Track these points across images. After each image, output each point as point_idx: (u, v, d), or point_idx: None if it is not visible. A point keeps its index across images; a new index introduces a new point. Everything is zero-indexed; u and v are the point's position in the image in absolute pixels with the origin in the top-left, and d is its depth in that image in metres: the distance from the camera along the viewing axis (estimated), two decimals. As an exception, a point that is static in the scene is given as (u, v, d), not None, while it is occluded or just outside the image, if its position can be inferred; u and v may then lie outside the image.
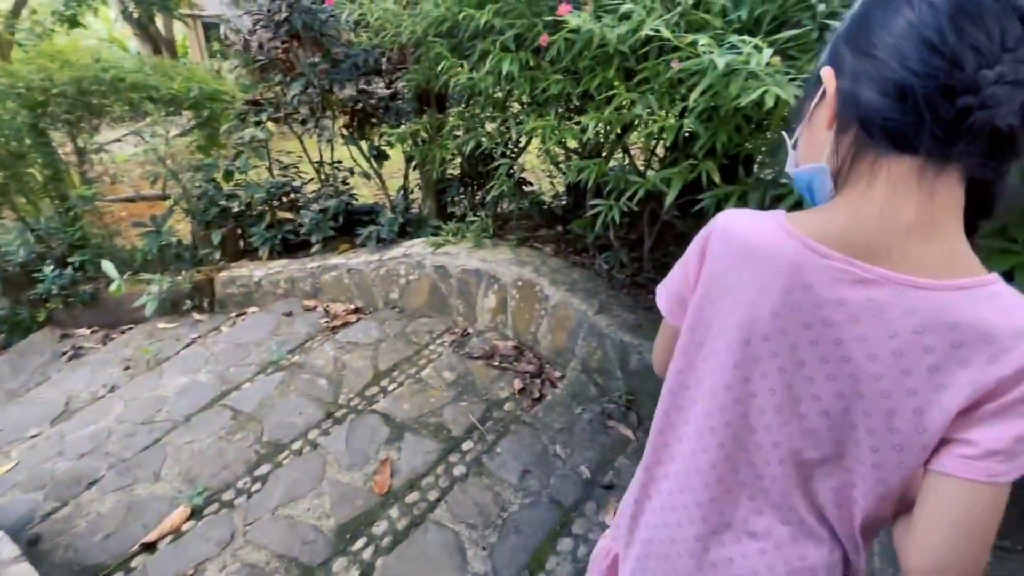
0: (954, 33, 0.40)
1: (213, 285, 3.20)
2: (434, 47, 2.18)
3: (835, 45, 0.50)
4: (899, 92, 0.43)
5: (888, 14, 0.44)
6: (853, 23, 0.48)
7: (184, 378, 2.45)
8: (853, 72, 0.46)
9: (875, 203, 0.47)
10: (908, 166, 0.45)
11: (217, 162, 3.40)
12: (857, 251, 0.47)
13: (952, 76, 0.41)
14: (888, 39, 0.44)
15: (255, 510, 1.70)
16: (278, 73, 3.03)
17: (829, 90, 0.49)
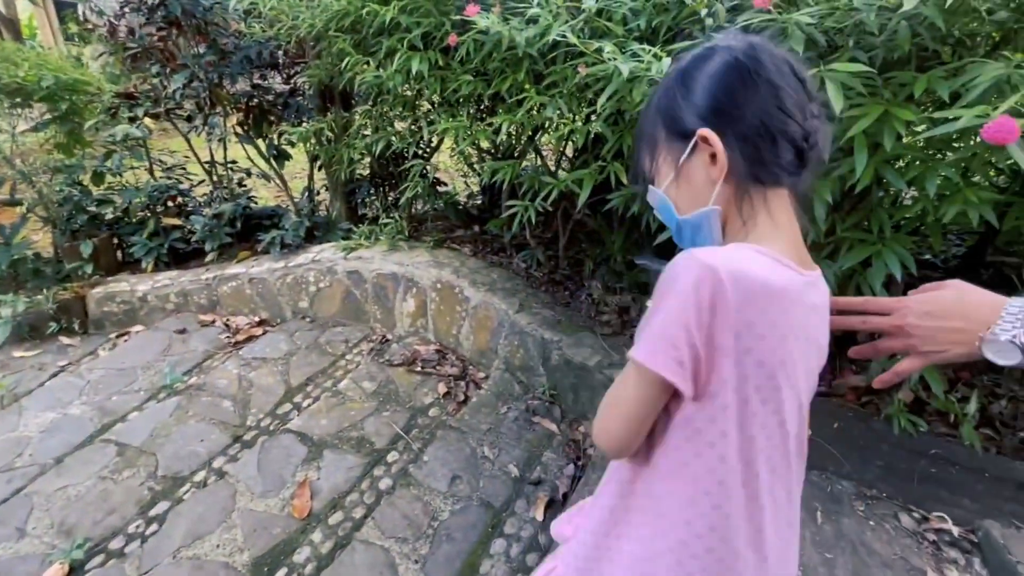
0: (799, 97, 0.58)
1: (85, 303, 2.80)
2: (337, 42, 2.08)
3: (698, 117, 0.60)
4: (785, 143, 0.58)
5: (747, 92, 0.58)
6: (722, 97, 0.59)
7: (52, 413, 2.12)
8: (740, 135, 0.58)
9: (785, 227, 0.61)
10: (784, 195, 0.61)
11: (83, 162, 2.97)
12: (800, 264, 0.60)
13: (805, 128, 0.58)
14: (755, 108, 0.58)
15: (152, 556, 1.52)
16: (155, 63, 2.72)
17: (717, 146, 0.58)
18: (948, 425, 1.56)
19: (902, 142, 1.14)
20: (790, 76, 0.58)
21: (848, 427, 1.62)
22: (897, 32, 1.04)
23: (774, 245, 0.58)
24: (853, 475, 1.51)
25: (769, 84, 0.57)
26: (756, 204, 0.59)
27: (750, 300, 0.52)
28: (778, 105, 0.57)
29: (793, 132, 0.57)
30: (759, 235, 0.60)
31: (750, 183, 0.59)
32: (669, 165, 0.64)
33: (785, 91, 0.57)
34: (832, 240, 1.29)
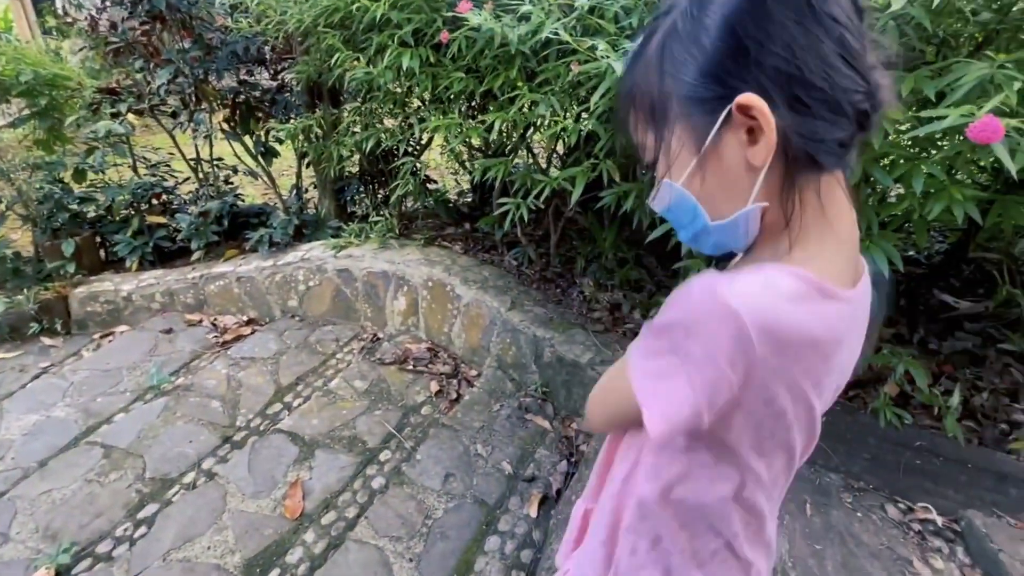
0: (858, 44, 0.42)
1: (68, 303, 2.74)
2: (326, 38, 2.05)
3: (719, 75, 0.43)
4: (849, 108, 0.42)
5: (808, 36, 0.40)
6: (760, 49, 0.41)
7: (34, 416, 2.07)
8: (799, 101, 0.41)
9: (839, 223, 0.47)
10: (840, 178, 0.46)
11: (63, 159, 2.91)
12: (855, 271, 0.50)
13: (868, 87, 0.42)
14: (818, 62, 0.40)
15: (141, 559, 1.49)
16: (138, 59, 2.66)
17: (765, 119, 0.41)
18: (932, 418, 1.59)
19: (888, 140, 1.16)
20: (850, 6, 0.41)
21: (836, 421, 1.65)
22: (885, 32, 1.05)
23: (824, 258, 0.45)
24: (841, 468, 1.54)
25: (831, 19, 0.40)
26: (807, 196, 0.45)
27: (781, 353, 0.41)
28: (842, 52, 0.40)
29: (859, 91, 0.41)
30: (806, 243, 0.46)
31: (802, 167, 0.44)
32: (688, 148, 0.46)
33: (848, 27, 0.40)
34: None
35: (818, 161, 0.43)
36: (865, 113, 0.43)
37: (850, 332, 0.48)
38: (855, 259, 0.50)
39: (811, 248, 0.46)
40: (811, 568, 1.28)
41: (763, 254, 0.49)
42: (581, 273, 2.35)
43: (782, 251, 0.47)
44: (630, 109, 0.50)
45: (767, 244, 0.49)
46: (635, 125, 0.51)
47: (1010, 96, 0.87)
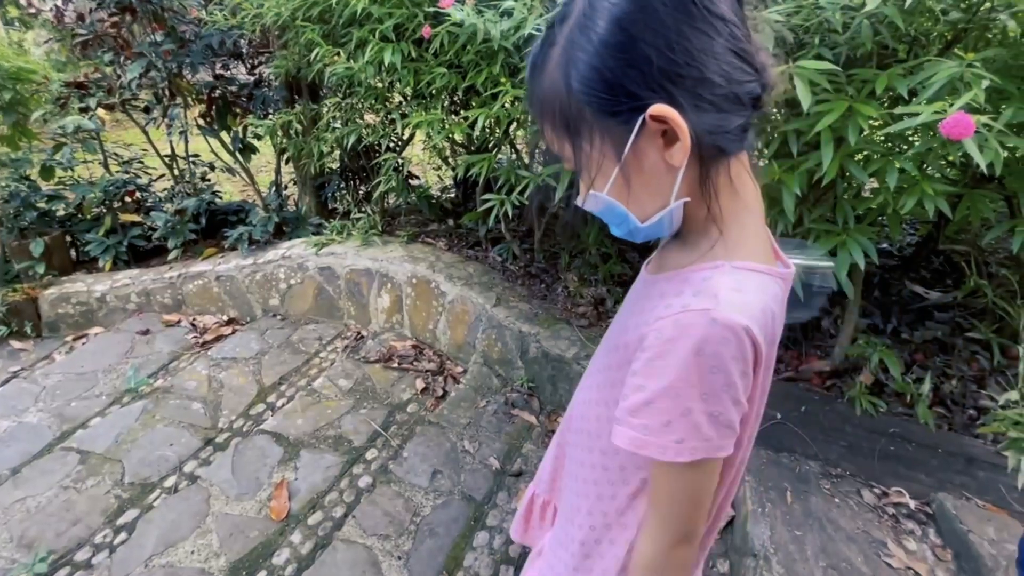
0: (743, 32, 0.45)
1: (37, 305, 2.65)
2: (304, 32, 2.02)
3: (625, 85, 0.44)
4: (745, 96, 0.45)
5: (702, 39, 0.42)
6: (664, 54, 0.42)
7: (5, 422, 2.01)
8: (701, 100, 0.44)
9: (752, 200, 0.51)
10: (744, 158, 0.50)
11: (30, 156, 2.80)
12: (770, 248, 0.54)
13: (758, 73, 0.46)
14: (714, 62, 0.43)
15: (122, 566, 1.46)
16: (108, 51, 2.58)
17: (679, 125, 0.43)
18: (905, 405, 1.65)
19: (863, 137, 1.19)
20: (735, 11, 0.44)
21: (814, 410, 1.69)
22: (860, 31, 1.08)
23: (749, 239, 0.50)
24: (819, 455, 1.58)
25: (719, 18, 0.42)
26: (720, 182, 0.48)
27: (771, 344, 0.49)
28: (732, 46, 0.43)
29: (751, 79, 0.45)
30: (729, 227, 0.49)
31: (713, 158, 0.46)
32: (608, 157, 0.47)
33: (734, 23, 0.43)
34: (800, 231, 1.34)
35: (724, 148, 0.47)
36: (758, 97, 0.46)
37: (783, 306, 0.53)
38: (765, 230, 0.54)
39: (735, 231, 0.50)
40: (792, 553, 1.31)
41: (692, 238, 0.52)
42: (565, 268, 2.36)
43: (713, 235, 0.50)
44: (542, 120, 0.50)
45: (693, 227, 0.52)
46: (550, 135, 0.51)
47: (979, 94, 0.90)
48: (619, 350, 0.56)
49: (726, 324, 0.44)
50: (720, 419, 0.46)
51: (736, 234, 0.50)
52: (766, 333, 0.47)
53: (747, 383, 0.46)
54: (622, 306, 0.67)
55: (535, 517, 0.83)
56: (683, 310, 0.45)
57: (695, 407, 0.45)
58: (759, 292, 0.48)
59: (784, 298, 0.53)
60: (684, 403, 0.45)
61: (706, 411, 0.45)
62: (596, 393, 0.62)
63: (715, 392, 0.45)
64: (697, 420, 0.45)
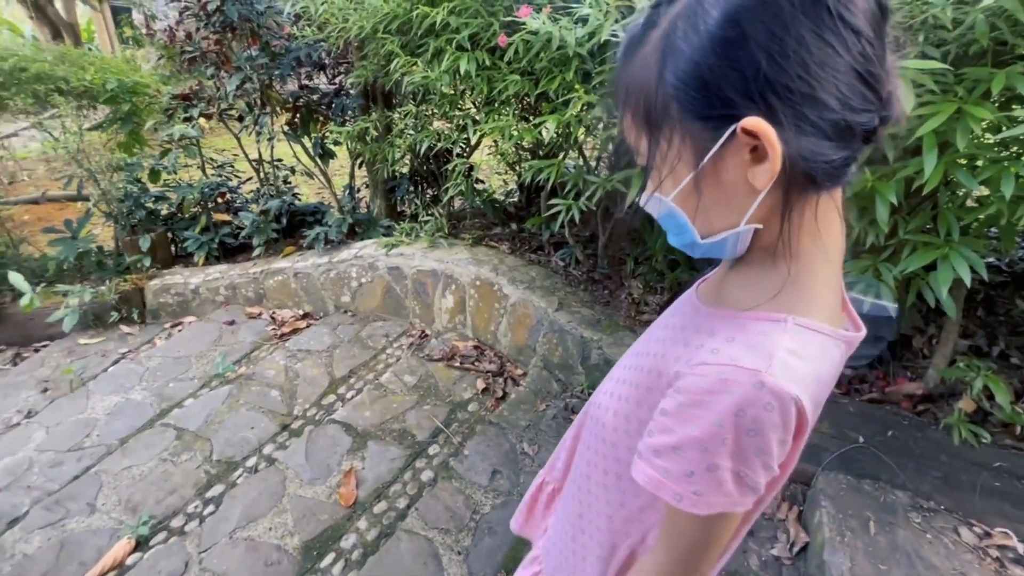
0: (878, 51, 0.38)
1: (143, 295, 2.95)
2: (384, 43, 2.12)
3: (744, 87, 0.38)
4: (859, 128, 0.39)
5: (825, 51, 0.36)
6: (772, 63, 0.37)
7: (116, 397, 2.25)
8: (802, 120, 0.38)
9: (834, 246, 0.46)
10: (837, 196, 0.45)
11: (141, 161, 3.13)
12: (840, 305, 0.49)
13: (881, 102, 0.39)
14: (832, 80, 0.37)
15: (210, 535, 1.60)
16: (210, 66, 2.83)
17: (773, 146, 0.38)
18: (1014, 437, 1.49)
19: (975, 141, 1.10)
20: (874, 6, 0.37)
21: (903, 436, 1.56)
22: (974, 26, 0.99)
23: (820, 292, 0.45)
24: (908, 486, 1.46)
25: (852, 32, 0.36)
26: (803, 217, 0.43)
27: (816, 410, 0.44)
28: (860, 67, 0.37)
29: (871, 109, 0.38)
30: (801, 272, 0.45)
31: (803, 189, 0.41)
32: (685, 162, 0.43)
33: (870, 39, 0.37)
34: (893, 243, 1.25)
35: (818, 180, 0.41)
36: (873, 130, 0.40)
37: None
38: (840, 282, 0.48)
39: (807, 279, 0.45)
40: (875, 588, 1.22)
41: (757, 272, 0.47)
42: (630, 275, 2.33)
43: (781, 275, 0.45)
44: (624, 106, 0.45)
45: (760, 260, 0.47)
46: (629, 123, 0.46)
47: (1120, 93, 0.81)
48: (652, 373, 0.53)
49: (774, 391, 0.40)
50: (745, 480, 0.43)
51: (808, 283, 0.45)
52: (816, 401, 0.43)
53: (784, 451, 0.43)
54: (666, 314, 0.63)
55: (539, 506, 0.82)
56: (731, 363, 0.42)
57: (723, 464, 0.42)
58: (818, 360, 0.43)
59: (843, 362, 0.48)
60: (711, 459, 0.43)
61: (733, 470, 0.43)
62: (620, 389, 0.59)
63: (746, 455, 0.42)
64: (722, 477, 0.43)
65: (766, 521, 1.52)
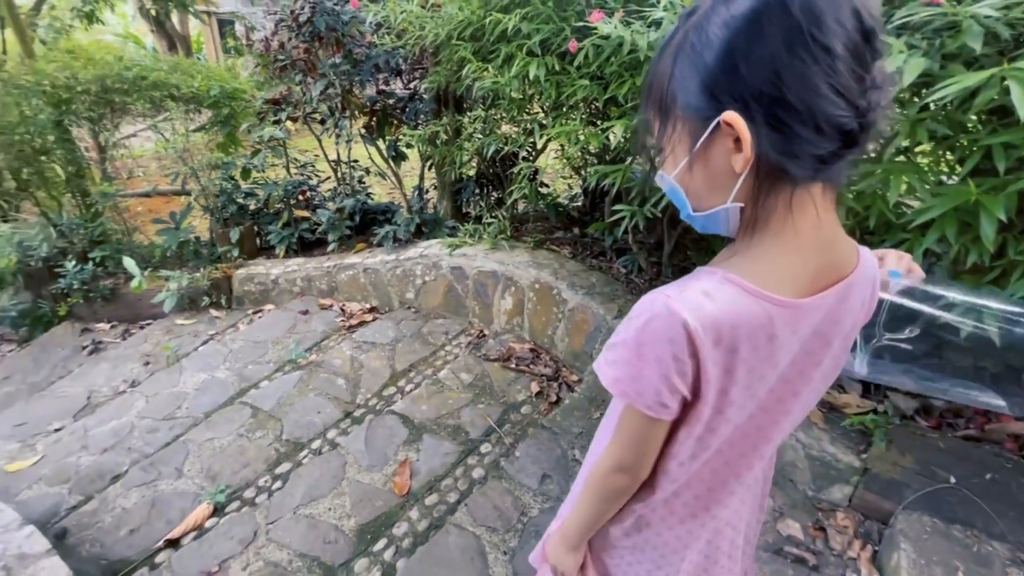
0: (862, 60, 0.44)
1: (231, 282, 3.22)
2: (458, 50, 2.19)
3: (715, 88, 0.48)
4: (830, 130, 0.45)
5: (796, 64, 0.44)
6: (744, 65, 0.46)
7: (203, 375, 2.47)
8: (776, 118, 0.46)
9: (806, 235, 0.52)
10: (817, 191, 0.51)
11: (235, 160, 3.42)
12: (821, 281, 0.55)
13: (862, 105, 0.45)
14: (801, 88, 0.44)
15: (277, 509, 1.72)
16: (298, 73, 3.05)
17: (743, 135, 0.47)
18: None
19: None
20: (853, 30, 0.43)
21: (1004, 480, 1.40)
22: None
23: (769, 265, 0.53)
24: (1008, 536, 1.30)
25: (823, 49, 0.43)
26: (778, 204, 0.50)
27: (718, 344, 0.52)
28: (830, 80, 0.44)
29: (843, 115, 0.45)
30: (766, 242, 0.53)
31: (777, 178, 0.49)
32: (683, 145, 0.52)
33: (842, 57, 0.43)
34: (1001, 263, 1.12)
35: (791, 172, 0.48)
36: (851, 133, 0.46)
37: (793, 331, 0.54)
38: (822, 269, 0.55)
39: (758, 253, 0.53)
40: (960, 647, 1.10)
41: (734, 245, 0.57)
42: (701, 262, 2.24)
43: (741, 247, 0.55)
44: (647, 96, 0.56)
45: (740, 237, 0.55)
46: (649, 110, 0.56)
47: None
48: None
49: (670, 311, 0.51)
50: (643, 382, 0.55)
51: (759, 254, 0.53)
52: (723, 340, 0.52)
53: (681, 367, 0.52)
54: None
55: None
56: (660, 292, 0.53)
57: (633, 362, 0.55)
58: (728, 305, 0.51)
59: (798, 328, 0.55)
60: (627, 354, 0.55)
61: (638, 368, 0.55)
62: None
63: (646, 358, 0.54)
64: (631, 371, 0.55)
65: (834, 557, 1.41)
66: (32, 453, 2.08)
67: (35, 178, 3.24)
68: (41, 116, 2.98)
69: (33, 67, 3.06)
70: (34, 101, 2.94)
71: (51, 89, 2.97)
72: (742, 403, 0.57)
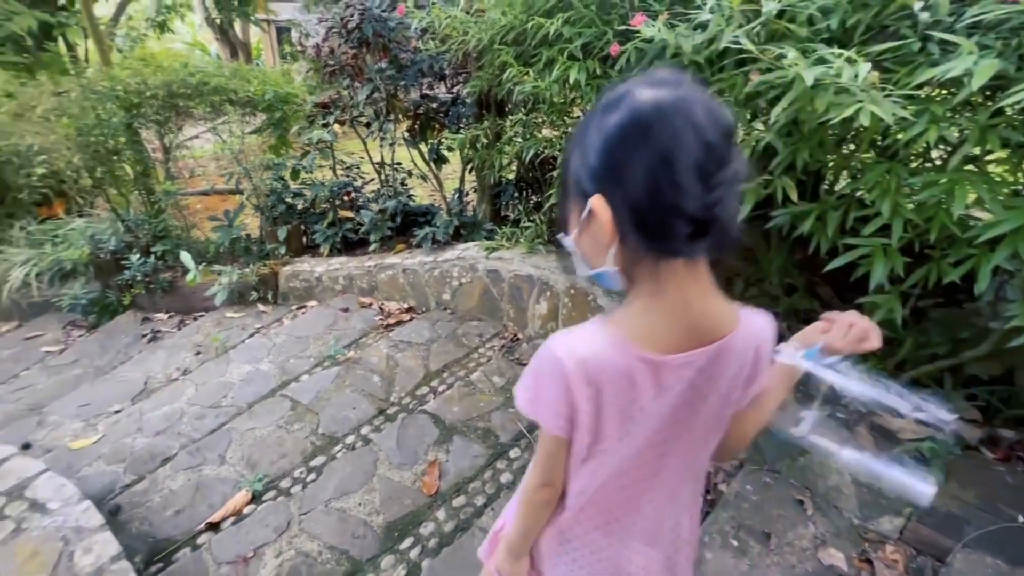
0: (704, 165, 0.53)
1: (277, 278, 3.36)
2: (500, 54, 2.20)
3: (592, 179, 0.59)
4: (675, 220, 0.55)
5: (640, 165, 0.54)
6: (611, 164, 0.57)
7: (248, 366, 2.58)
8: (626, 206, 0.56)
9: (672, 299, 0.61)
10: (678, 265, 0.59)
11: (286, 161, 3.57)
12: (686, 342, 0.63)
13: (706, 200, 0.54)
14: (644, 182, 0.55)
15: (310, 500, 1.77)
16: (346, 78, 3.15)
17: (604, 217, 0.57)
18: None
19: None
20: (693, 142, 0.53)
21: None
22: None
23: (641, 323, 0.63)
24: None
25: (662, 153, 0.54)
26: (646, 272, 0.60)
27: (590, 383, 0.62)
28: (670, 177, 0.54)
29: (688, 206, 0.54)
30: (640, 302, 0.63)
31: (639, 252, 0.59)
32: (575, 217, 0.63)
33: (681, 161, 0.53)
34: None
35: (650, 248, 0.58)
36: (696, 221, 0.54)
37: (656, 382, 0.63)
38: (690, 331, 0.62)
39: (635, 310, 0.63)
40: None
41: (625, 299, 0.66)
42: (738, 297, 2.15)
43: (627, 302, 0.65)
44: (563, 183, 0.66)
45: (629, 293, 0.65)
46: (560, 185, 0.70)
47: None
48: None
49: (552, 351, 0.64)
50: (540, 404, 0.67)
51: (633, 313, 0.64)
52: (594, 379, 0.62)
53: (559, 397, 0.64)
54: None
55: None
56: (557, 334, 0.65)
57: (533, 388, 0.68)
58: (600, 351, 0.62)
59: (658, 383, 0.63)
60: (531, 382, 0.68)
61: (537, 393, 0.67)
62: None
63: (542, 386, 0.66)
64: (533, 396, 0.68)
65: (881, 593, 1.32)
66: (94, 432, 2.24)
67: (107, 176, 3.49)
68: (115, 119, 3.21)
69: (109, 74, 3.30)
70: (108, 105, 3.17)
71: (124, 94, 3.20)
72: (619, 436, 0.67)
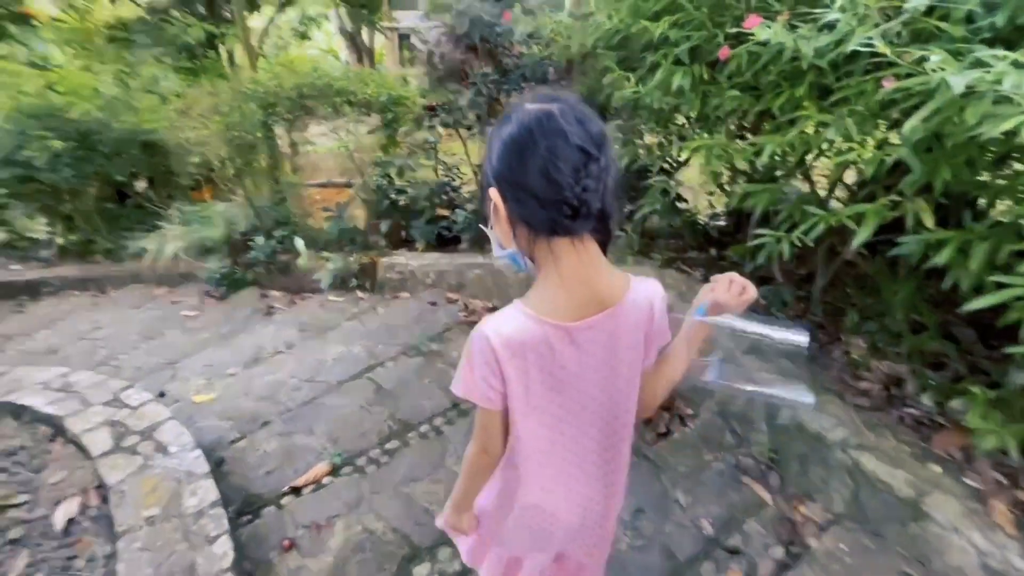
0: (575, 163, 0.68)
1: (376, 269, 3.59)
2: (603, 59, 2.16)
3: (492, 175, 0.73)
4: (555, 204, 0.69)
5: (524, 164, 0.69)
6: (504, 164, 0.71)
7: (342, 347, 2.79)
8: (516, 197, 0.71)
9: (569, 272, 0.74)
10: (567, 242, 0.72)
11: (394, 160, 3.81)
12: (587, 309, 0.76)
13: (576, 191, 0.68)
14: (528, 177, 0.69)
15: (381, 481, 1.86)
16: (454, 82, 3.29)
17: (500, 205, 0.72)
18: None
19: None
20: (563, 146, 0.68)
21: None
22: None
23: (547, 297, 0.76)
24: None
25: (539, 156, 0.68)
26: (544, 250, 0.73)
27: (512, 353, 0.75)
28: (546, 174, 0.68)
29: (563, 194, 0.68)
30: (544, 282, 0.76)
31: (535, 233, 0.72)
32: (488, 207, 0.75)
33: (555, 161, 0.67)
34: None
35: (540, 230, 0.72)
36: (574, 207, 0.69)
37: (572, 344, 0.77)
38: (586, 300, 0.76)
39: (542, 287, 0.77)
40: None
41: (535, 281, 0.79)
42: (852, 330, 1.91)
43: (535, 283, 0.78)
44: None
45: (537, 275, 0.78)
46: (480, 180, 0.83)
47: None
48: None
49: (480, 330, 0.75)
50: (472, 383, 0.78)
51: (539, 290, 0.77)
52: (515, 350, 0.75)
53: (490, 370, 0.76)
54: None
55: None
56: (481, 322, 0.76)
57: (466, 371, 0.79)
58: (518, 328, 0.75)
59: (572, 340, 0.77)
60: (464, 366, 0.79)
61: (469, 374, 0.78)
62: None
63: (474, 367, 0.77)
64: (466, 377, 0.79)
65: None
66: (212, 390, 2.55)
67: (246, 167, 3.96)
68: (255, 117, 3.64)
69: (252, 77, 3.75)
70: (250, 104, 3.60)
71: (263, 95, 3.61)
72: (546, 395, 0.80)
